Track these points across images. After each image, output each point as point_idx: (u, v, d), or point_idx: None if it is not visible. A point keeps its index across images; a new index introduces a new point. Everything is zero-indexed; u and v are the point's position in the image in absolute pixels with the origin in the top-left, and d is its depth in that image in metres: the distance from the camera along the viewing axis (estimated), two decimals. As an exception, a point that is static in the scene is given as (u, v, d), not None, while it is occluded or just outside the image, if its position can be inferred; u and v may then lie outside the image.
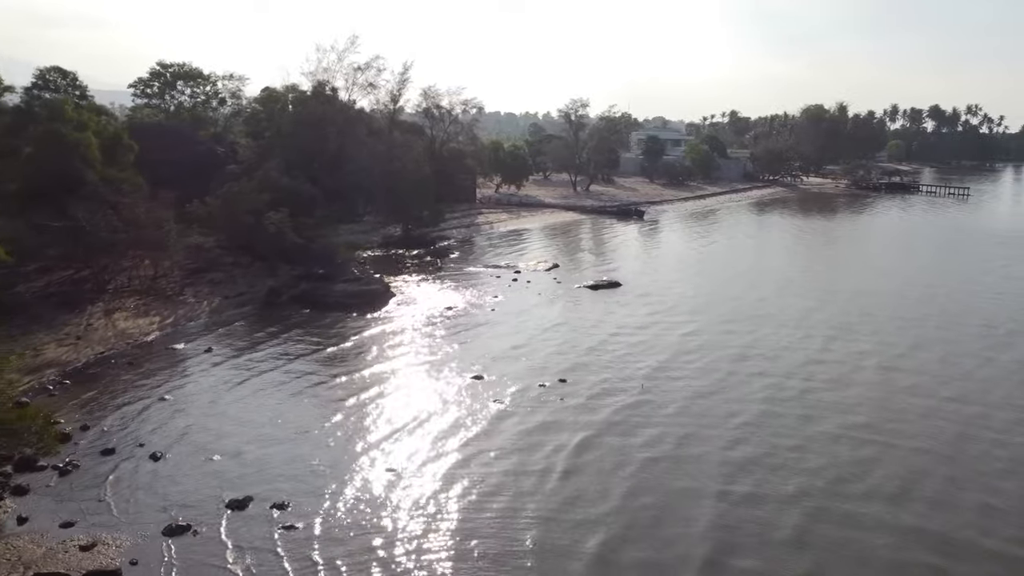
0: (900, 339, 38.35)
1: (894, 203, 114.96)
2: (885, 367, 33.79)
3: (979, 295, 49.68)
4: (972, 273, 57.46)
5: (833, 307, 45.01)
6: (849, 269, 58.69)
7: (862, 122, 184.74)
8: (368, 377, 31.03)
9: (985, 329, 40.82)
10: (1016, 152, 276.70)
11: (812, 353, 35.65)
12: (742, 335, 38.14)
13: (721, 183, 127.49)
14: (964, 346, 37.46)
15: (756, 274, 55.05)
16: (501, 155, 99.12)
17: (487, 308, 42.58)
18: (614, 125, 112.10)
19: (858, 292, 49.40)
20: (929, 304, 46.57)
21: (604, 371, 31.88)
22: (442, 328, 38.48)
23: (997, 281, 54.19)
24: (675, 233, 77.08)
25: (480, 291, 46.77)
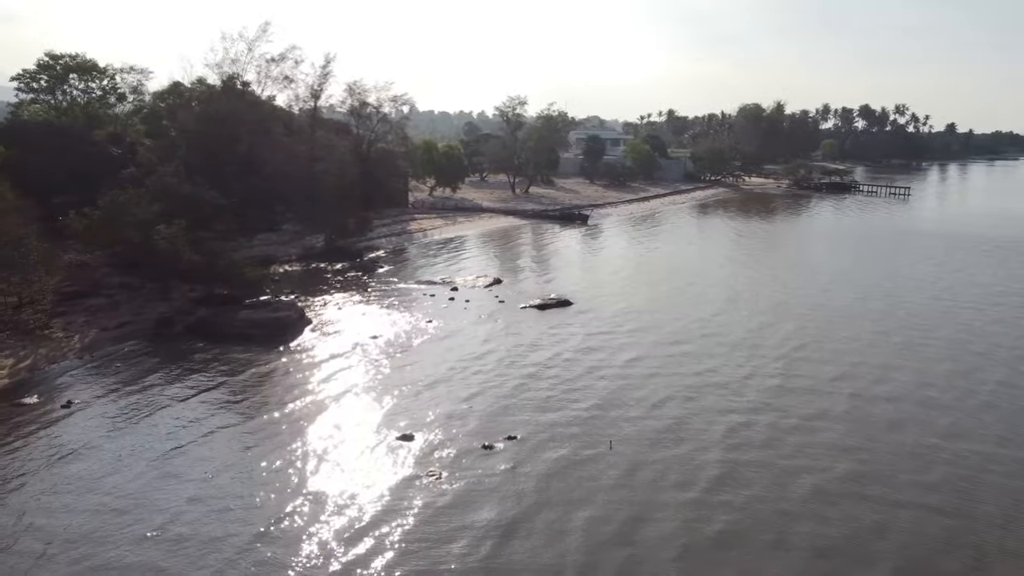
0: (869, 363, 34.36)
1: (837, 203, 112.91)
2: (859, 397, 29.88)
3: (941, 305, 46.11)
4: (930, 280, 53.97)
5: (789, 324, 40.65)
6: (803, 278, 54.42)
7: (798, 121, 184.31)
8: (255, 449, 24.31)
9: (957, 350, 36.94)
10: (941, 151, 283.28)
11: (774, 383, 31.07)
12: (712, 365, 33.13)
13: (663, 184, 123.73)
14: (936, 372, 33.24)
15: (712, 286, 50.26)
16: (435, 156, 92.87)
17: (419, 337, 36.50)
18: (553, 124, 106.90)
19: (815, 306, 45.17)
20: (891, 319, 42.83)
21: (564, 425, 26.24)
22: (364, 366, 32.22)
23: (959, 290, 50.73)
24: (622, 239, 72.14)
25: (412, 314, 40.66)
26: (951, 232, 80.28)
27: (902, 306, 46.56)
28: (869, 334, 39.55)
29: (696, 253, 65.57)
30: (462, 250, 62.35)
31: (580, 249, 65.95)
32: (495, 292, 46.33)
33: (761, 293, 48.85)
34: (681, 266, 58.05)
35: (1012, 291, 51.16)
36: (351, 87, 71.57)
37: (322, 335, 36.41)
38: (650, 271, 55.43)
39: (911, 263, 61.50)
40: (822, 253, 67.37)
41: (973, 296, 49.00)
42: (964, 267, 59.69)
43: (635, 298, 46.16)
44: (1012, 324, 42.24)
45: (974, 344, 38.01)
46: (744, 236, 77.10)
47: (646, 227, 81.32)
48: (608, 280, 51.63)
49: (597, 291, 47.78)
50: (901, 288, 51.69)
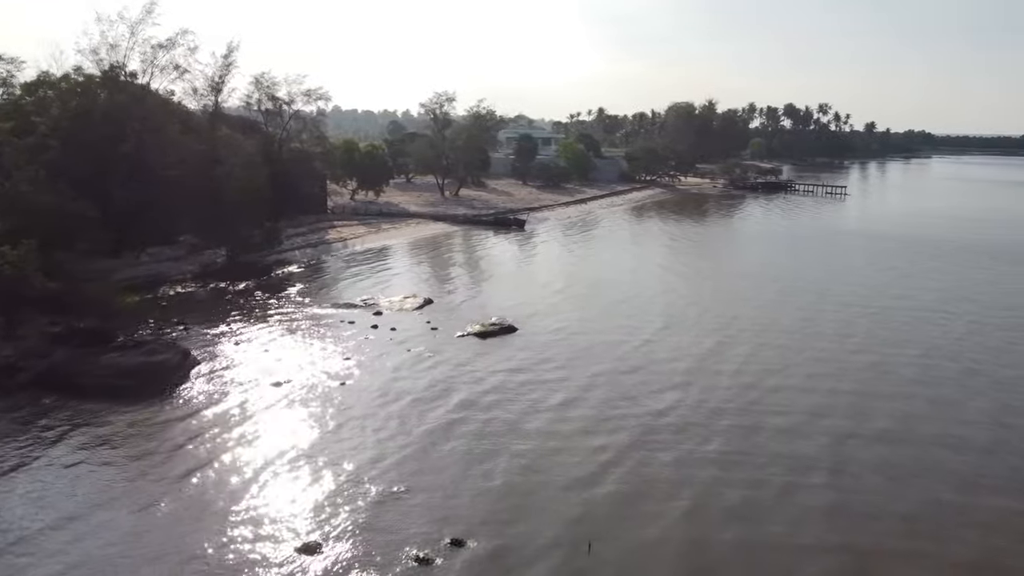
0: (841, 390, 30.36)
1: (775, 204, 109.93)
2: (842, 438, 25.38)
3: (902, 318, 41.85)
4: (887, 289, 49.85)
5: (743, 345, 35.70)
6: (753, 289, 49.43)
7: (729, 120, 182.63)
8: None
9: (931, 369, 32.45)
10: (862, 150, 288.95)
11: (742, 424, 25.57)
12: (674, 407, 27.37)
13: (599, 184, 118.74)
14: (915, 403, 28.43)
15: (660, 300, 44.81)
16: (356, 156, 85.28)
17: (334, 384, 29.52)
18: (483, 122, 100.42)
19: (770, 322, 40.30)
20: (853, 332, 38.71)
21: (527, 517, 19.88)
22: (257, 436, 24.99)
23: (922, 298, 46.61)
24: (563, 248, 66.16)
25: (327, 350, 33.64)
26: (902, 235, 77.24)
27: (863, 316, 42.68)
28: (834, 353, 35.52)
29: (641, 262, 60.07)
30: (387, 263, 55.30)
31: (519, 260, 59.70)
32: (426, 316, 39.63)
33: (710, 307, 43.98)
34: (628, 278, 52.43)
35: (989, 303, 47.32)
36: (258, 80, 63.75)
37: (210, 385, 29.03)
38: (596, 284, 49.47)
39: (863, 267, 57.74)
40: (770, 259, 62.79)
41: (940, 304, 44.92)
42: (923, 273, 55.98)
43: (584, 319, 40.18)
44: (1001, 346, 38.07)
45: (962, 371, 33.38)
46: (688, 241, 72.25)
47: (586, 233, 75.71)
48: (553, 298, 45.40)
49: (542, 312, 41.55)
50: (859, 296, 47.75)
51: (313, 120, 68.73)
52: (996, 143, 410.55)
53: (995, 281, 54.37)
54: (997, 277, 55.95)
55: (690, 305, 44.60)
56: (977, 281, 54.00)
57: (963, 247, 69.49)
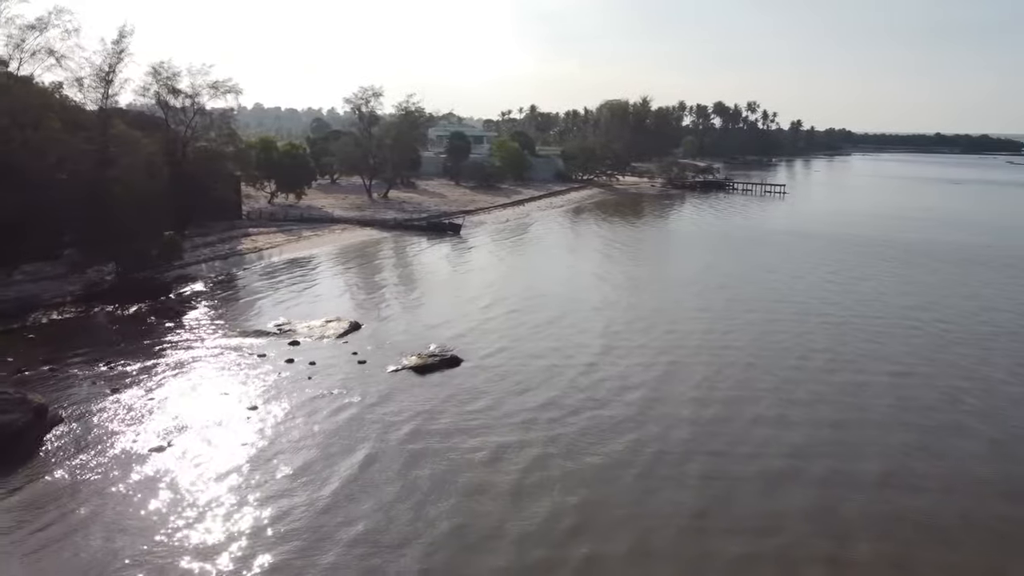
0: (812, 421, 26.04)
1: (715, 204, 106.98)
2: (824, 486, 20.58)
3: (869, 328, 37.99)
4: (844, 295, 46.23)
5: (699, 369, 31.09)
6: (700, 301, 45.06)
7: (663, 117, 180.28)
8: None
9: (921, 391, 28.39)
10: (789, 147, 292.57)
11: (702, 478, 20.69)
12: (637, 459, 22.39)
13: (535, 184, 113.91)
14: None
15: (605, 317, 39.87)
16: (274, 156, 78.14)
17: (232, 448, 23.35)
18: (413, 119, 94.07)
19: (722, 345, 35.77)
20: (816, 353, 34.54)
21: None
22: (129, 532, 18.75)
23: (884, 304, 42.98)
24: (503, 256, 60.68)
25: (228, 395, 27.38)
26: (847, 236, 74.43)
27: (826, 327, 39.19)
28: (805, 373, 31.74)
29: (585, 271, 54.86)
30: (308, 278, 48.85)
31: (457, 271, 53.91)
32: (352, 344, 33.65)
33: (657, 321, 39.52)
34: (572, 290, 47.27)
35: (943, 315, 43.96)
36: (157, 70, 56.21)
37: (71, 451, 22.52)
38: (540, 299, 43.98)
39: (814, 270, 54.21)
40: (715, 264, 58.50)
41: (906, 311, 41.29)
42: (878, 277, 52.66)
43: (530, 343, 34.84)
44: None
45: (955, 402, 29.36)
46: (630, 246, 67.70)
47: (525, 238, 70.51)
48: (497, 318, 39.76)
49: (486, 335, 36.07)
50: (817, 303, 44.31)
51: (222, 116, 61.47)
52: (911, 141, 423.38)
53: (955, 285, 51.37)
54: (955, 280, 53.03)
55: (636, 320, 39.91)
56: (935, 284, 50.91)
57: (912, 248, 66.91)
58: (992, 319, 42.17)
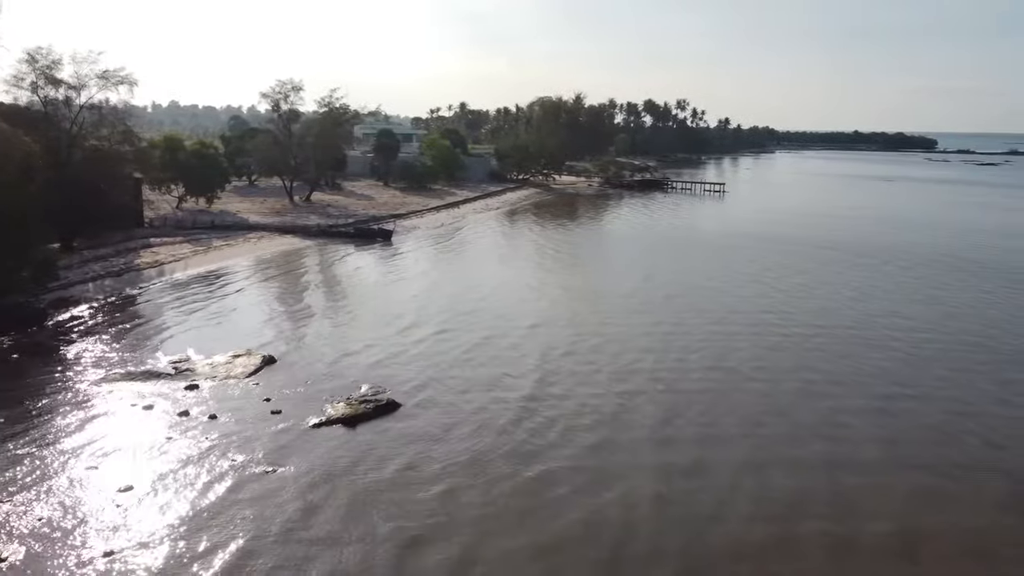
0: (804, 488, 21.02)
1: (656, 204, 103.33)
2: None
3: (840, 344, 33.92)
4: (803, 304, 42.46)
5: (658, 400, 26.13)
6: (646, 317, 40.54)
7: (596, 115, 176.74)
8: None
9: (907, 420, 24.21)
10: (718, 145, 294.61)
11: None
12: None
13: (469, 185, 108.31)
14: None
15: (550, 338, 34.82)
16: (182, 157, 70.48)
17: (92, 551, 17.24)
18: (337, 116, 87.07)
19: (677, 372, 31.15)
20: (785, 377, 30.26)
21: None
22: None
23: (847, 315, 39.23)
24: (438, 266, 54.84)
25: (95, 469, 21.08)
26: (795, 237, 71.39)
27: (789, 345, 35.01)
28: (775, 403, 27.51)
29: (527, 282, 49.39)
30: (215, 297, 42.16)
31: (388, 285, 47.85)
32: (265, 386, 27.59)
33: (602, 344, 34.67)
34: (516, 305, 41.89)
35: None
36: (32, 56, 48.49)
37: None
38: (481, 318, 38.64)
39: (765, 276, 50.31)
40: (661, 271, 54.23)
41: (870, 322, 37.56)
42: (836, 283, 49.14)
43: (474, 371, 29.51)
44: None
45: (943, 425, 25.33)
46: (570, 252, 62.91)
47: (461, 245, 64.86)
48: (435, 342, 34.06)
49: (425, 366, 30.53)
50: (774, 316, 40.34)
51: (115, 111, 53.89)
52: (831, 138, 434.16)
53: (914, 290, 48.22)
54: (912, 285, 49.93)
55: (580, 339, 35.04)
56: (896, 292, 47.64)
57: (862, 251, 64.01)
58: (977, 334, 38.69)
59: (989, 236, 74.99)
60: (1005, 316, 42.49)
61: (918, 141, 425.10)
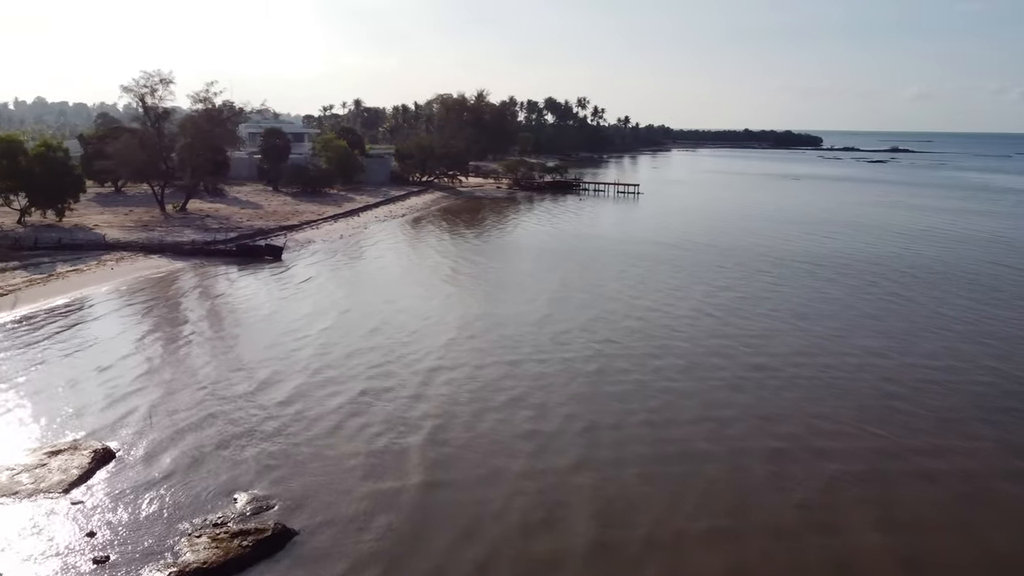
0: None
1: (569, 207, 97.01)
2: None
3: (802, 384, 28.17)
4: (747, 327, 36.74)
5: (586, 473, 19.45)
6: (574, 356, 34.02)
7: (500, 113, 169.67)
8: None
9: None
10: (619, 144, 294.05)
11: None
12: None
13: (369, 189, 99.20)
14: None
15: (481, 405, 27.50)
16: (23, 161, 58.88)
17: None
18: (216, 114, 76.42)
19: (618, 436, 24.63)
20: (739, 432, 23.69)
21: None
22: None
23: (794, 343, 33.71)
24: (338, 294, 45.45)
25: None
26: (725, 245, 66.30)
27: (737, 383, 28.96)
28: (742, 476, 20.97)
29: (434, 314, 41.92)
30: (37, 351, 32.13)
31: (276, 323, 38.66)
32: (92, 505, 18.92)
33: (524, 393, 28.09)
34: (427, 350, 34.17)
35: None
36: None
37: None
38: (389, 370, 30.74)
39: (700, 290, 44.33)
40: (587, 294, 47.59)
41: (818, 350, 32.06)
42: (773, 298, 43.73)
43: (385, 461, 21.66)
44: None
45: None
46: (484, 270, 55.35)
47: (364, 263, 56.21)
48: (333, 416, 25.98)
49: (323, 454, 22.41)
50: (718, 344, 33.84)
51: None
52: (724, 136, 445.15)
53: (866, 308, 43.34)
54: (860, 299, 45.14)
55: (498, 393, 27.80)
56: (835, 308, 42.63)
57: (791, 259, 59.45)
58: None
59: (949, 242, 72.14)
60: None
61: (805, 139, 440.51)
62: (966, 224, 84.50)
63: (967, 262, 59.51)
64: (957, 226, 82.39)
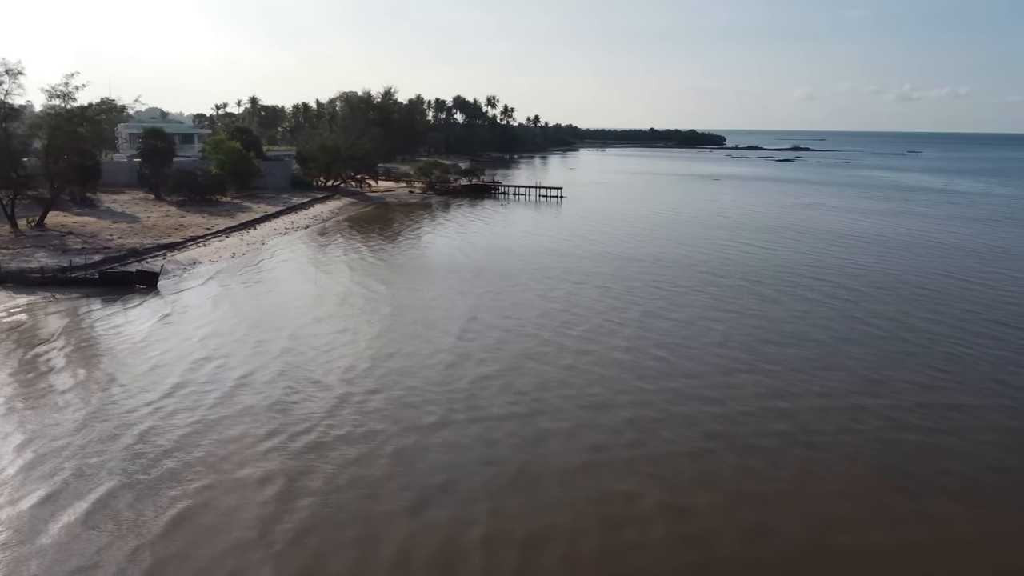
0: None
1: (489, 214, 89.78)
2: None
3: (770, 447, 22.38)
4: (685, 365, 30.82)
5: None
6: (503, 413, 27.45)
7: (409, 111, 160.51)
8: None
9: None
10: (529, 143, 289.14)
11: None
12: None
13: (267, 196, 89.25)
14: None
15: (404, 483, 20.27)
16: None
17: None
18: (78, 112, 65.12)
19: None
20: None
21: None
22: None
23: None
24: (214, 335, 37.11)
25: None
26: (659, 257, 60.53)
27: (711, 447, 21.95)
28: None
29: (332, 359, 34.22)
30: None
31: (137, 372, 29.98)
32: None
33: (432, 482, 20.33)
34: (300, 412, 26.55)
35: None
36: None
37: None
38: (246, 454, 23.04)
39: (639, 310, 38.15)
40: (517, 325, 40.92)
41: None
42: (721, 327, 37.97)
43: None
44: None
45: None
46: (397, 294, 47.74)
47: (258, 287, 47.35)
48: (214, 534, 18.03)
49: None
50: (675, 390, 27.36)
51: None
52: (630, 135, 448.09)
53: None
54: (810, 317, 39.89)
55: (419, 476, 20.46)
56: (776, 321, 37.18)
57: (730, 274, 54.21)
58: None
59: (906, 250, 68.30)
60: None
61: (709, 138, 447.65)
62: (899, 227, 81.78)
63: (925, 275, 55.44)
64: (892, 230, 79.46)
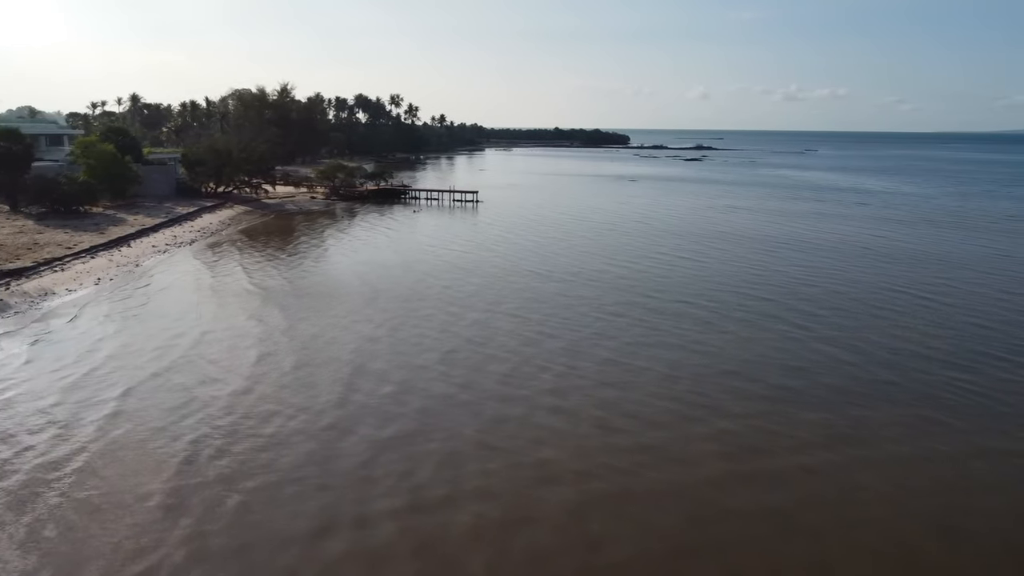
0: None
1: (402, 221, 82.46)
2: None
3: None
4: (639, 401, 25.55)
5: None
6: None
7: (309, 110, 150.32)
8: None
9: None
10: (435, 143, 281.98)
11: None
12: None
13: (147, 205, 79.06)
14: None
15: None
16: None
17: None
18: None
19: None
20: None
21: None
22: None
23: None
24: (82, 409, 29.17)
25: None
26: (603, 277, 55.03)
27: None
28: None
29: (242, 402, 27.04)
30: None
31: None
32: None
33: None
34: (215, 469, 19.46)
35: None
36: None
37: None
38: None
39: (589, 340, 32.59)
40: (425, 381, 34.57)
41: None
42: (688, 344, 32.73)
43: None
44: None
45: None
46: (295, 327, 40.44)
47: (120, 329, 38.96)
48: None
49: None
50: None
51: None
52: (535, 135, 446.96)
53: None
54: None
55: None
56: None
57: (667, 295, 49.34)
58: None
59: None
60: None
61: (614, 137, 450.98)
62: (825, 230, 79.15)
63: (871, 288, 51.74)
64: (821, 234, 76.63)
